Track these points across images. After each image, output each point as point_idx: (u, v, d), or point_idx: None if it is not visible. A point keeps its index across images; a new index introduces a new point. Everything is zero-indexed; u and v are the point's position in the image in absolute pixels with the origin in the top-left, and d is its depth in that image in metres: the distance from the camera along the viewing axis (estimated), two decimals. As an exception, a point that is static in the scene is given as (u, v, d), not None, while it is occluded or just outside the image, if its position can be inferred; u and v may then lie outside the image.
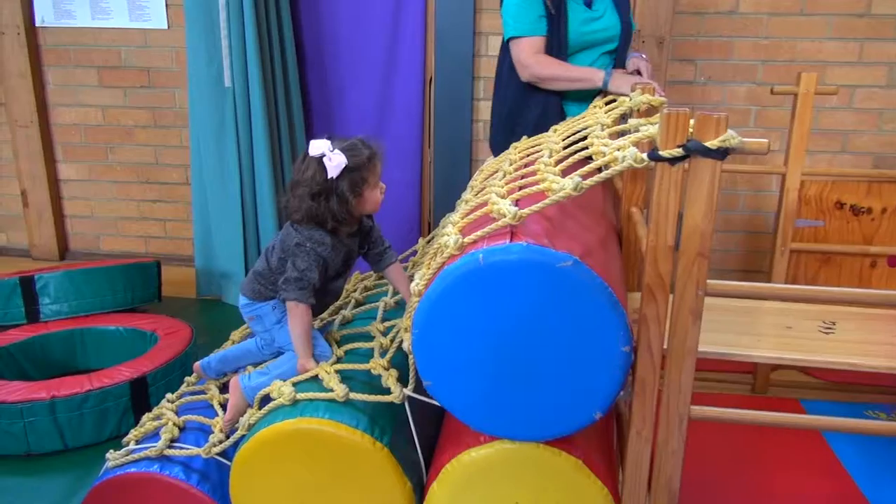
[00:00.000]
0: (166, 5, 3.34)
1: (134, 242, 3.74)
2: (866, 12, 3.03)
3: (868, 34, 3.06)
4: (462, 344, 1.39)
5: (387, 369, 1.63)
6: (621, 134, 1.82)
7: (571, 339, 1.35)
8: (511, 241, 1.35)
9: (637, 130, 1.59)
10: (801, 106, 2.26)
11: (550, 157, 1.70)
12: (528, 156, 1.94)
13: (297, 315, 1.65)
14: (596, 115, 1.89)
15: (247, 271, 3.10)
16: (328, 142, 1.59)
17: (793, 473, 2.04)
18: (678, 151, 1.22)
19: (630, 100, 1.84)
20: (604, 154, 1.53)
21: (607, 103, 2.09)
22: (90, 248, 3.79)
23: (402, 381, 1.62)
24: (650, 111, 1.75)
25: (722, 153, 1.19)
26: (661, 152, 1.24)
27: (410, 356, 1.55)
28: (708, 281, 1.27)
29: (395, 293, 2.05)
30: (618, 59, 2.34)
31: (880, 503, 1.91)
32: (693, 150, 1.20)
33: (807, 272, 2.50)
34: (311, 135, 3.37)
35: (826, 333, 1.66)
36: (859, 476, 2.01)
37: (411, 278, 1.82)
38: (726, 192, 3.30)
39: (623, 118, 1.92)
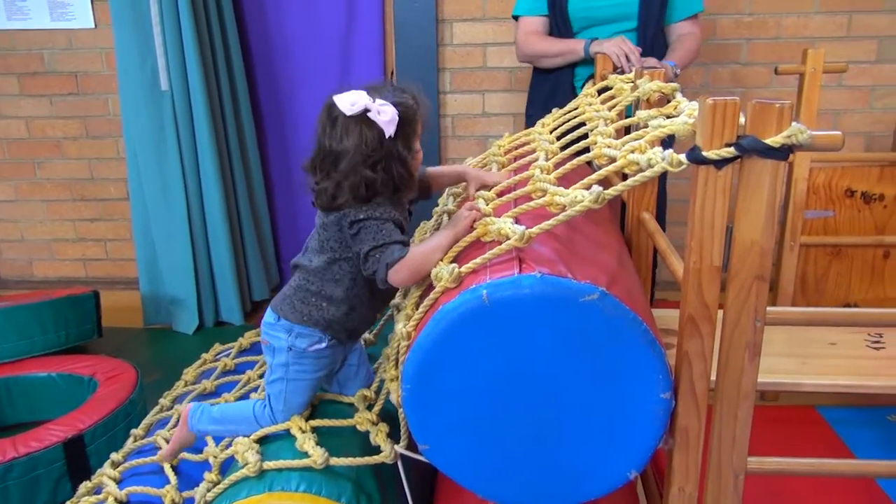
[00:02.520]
0: (91, 2, 2.98)
1: (71, 267, 3.38)
2: (855, -17, 2.85)
3: (856, 7, 2.88)
4: (465, 399, 1.13)
5: (375, 424, 1.36)
6: (627, 129, 1.58)
7: (599, 388, 1.10)
8: (520, 270, 1.09)
9: (647, 125, 1.35)
10: (808, 86, 2.04)
11: (547, 160, 1.44)
12: (514, 159, 1.68)
13: (407, 268, 1.22)
14: (594, 107, 1.64)
15: (199, 295, 2.79)
16: (364, 93, 1.22)
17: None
18: (730, 151, 0.98)
19: (632, 87, 1.59)
20: (609, 158, 1.28)
21: (600, 91, 1.85)
22: (22, 276, 3.41)
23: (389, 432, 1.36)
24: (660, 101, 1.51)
25: (786, 152, 0.95)
26: (705, 153, 0.99)
27: (401, 409, 1.28)
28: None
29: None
30: (640, 39, 2.15)
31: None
32: (751, 150, 0.96)
33: (817, 267, 2.30)
34: (262, 139, 3.06)
35: (876, 349, 1.44)
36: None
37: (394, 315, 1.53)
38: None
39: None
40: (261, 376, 1.93)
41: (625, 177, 1.21)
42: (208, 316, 2.83)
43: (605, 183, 1.18)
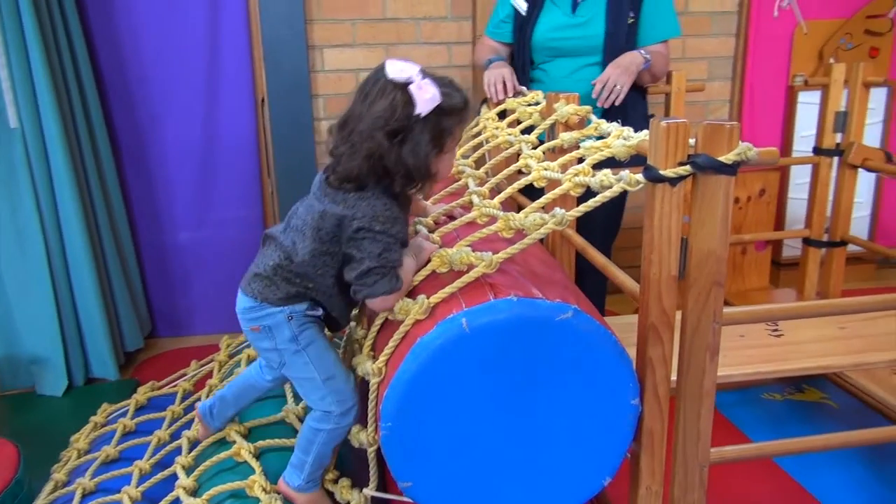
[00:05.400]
0: None
1: None
2: (685, 10, 3.17)
3: (688, 31, 3.20)
4: (446, 429, 1.12)
5: (336, 481, 1.31)
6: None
7: (575, 401, 1.14)
8: (495, 296, 1.10)
9: (576, 147, 1.42)
10: (674, 103, 2.25)
11: (480, 185, 1.47)
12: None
13: (394, 299, 1.19)
14: (505, 131, 1.70)
15: (65, 351, 2.52)
16: (418, 67, 1.16)
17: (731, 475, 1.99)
18: (686, 169, 1.06)
19: (543, 111, 1.67)
20: (549, 180, 1.34)
21: (500, 115, 1.92)
22: None
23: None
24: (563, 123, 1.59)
25: (736, 168, 1.05)
26: (663, 172, 1.07)
27: (371, 449, 1.25)
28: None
29: None
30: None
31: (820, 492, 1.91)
32: (706, 167, 1.04)
33: (689, 267, 2.51)
34: (123, 178, 2.83)
35: (777, 337, 1.61)
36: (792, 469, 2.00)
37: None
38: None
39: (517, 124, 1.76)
40: (171, 435, 1.78)
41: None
42: (77, 373, 2.55)
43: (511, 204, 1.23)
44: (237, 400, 1.51)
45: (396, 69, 1.15)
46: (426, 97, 1.14)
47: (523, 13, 2.20)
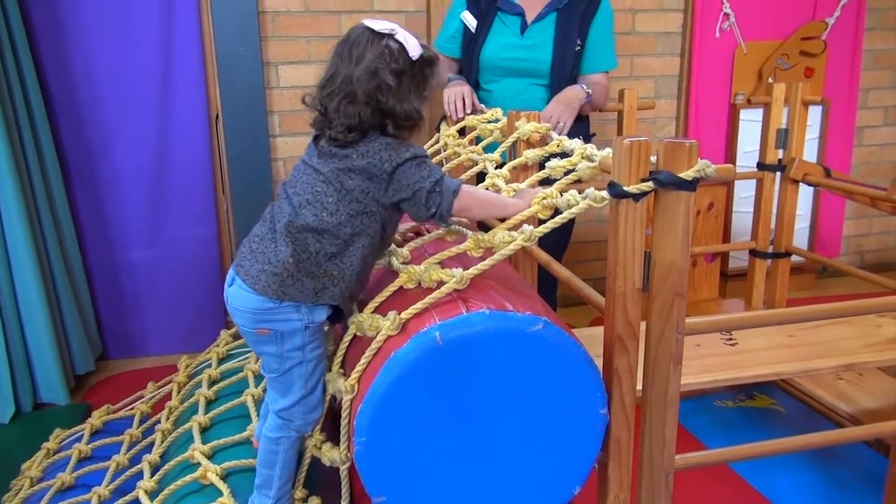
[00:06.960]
0: None
1: None
2: (632, 30, 3.28)
3: (636, 51, 3.31)
4: (420, 442, 1.14)
5: (305, 500, 1.30)
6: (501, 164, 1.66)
7: (546, 411, 1.17)
8: (467, 309, 1.12)
9: (541, 165, 1.46)
10: (627, 120, 2.32)
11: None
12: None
13: (468, 201, 1.24)
14: (468, 148, 1.73)
15: (13, 374, 2.43)
16: (394, 23, 1.22)
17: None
18: (649, 185, 1.10)
19: (503, 129, 1.71)
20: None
21: (460, 132, 1.95)
22: None
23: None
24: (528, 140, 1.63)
25: (695, 183, 1.10)
26: (626, 188, 1.11)
27: (344, 466, 1.25)
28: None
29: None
30: (551, 95, 2.18)
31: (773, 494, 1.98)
32: (667, 183, 1.09)
33: (643, 279, 2.58)
34: (72, 197, 2.76)
35: (731, 346, 1.68)
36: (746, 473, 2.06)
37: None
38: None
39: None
40: (131, 459, 1.74)
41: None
42: (25, 399, 2.46)
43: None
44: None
45: (379, 24, 1.21)
46: (413, 43, 1.21)
47: (473, 30, 2.22)
